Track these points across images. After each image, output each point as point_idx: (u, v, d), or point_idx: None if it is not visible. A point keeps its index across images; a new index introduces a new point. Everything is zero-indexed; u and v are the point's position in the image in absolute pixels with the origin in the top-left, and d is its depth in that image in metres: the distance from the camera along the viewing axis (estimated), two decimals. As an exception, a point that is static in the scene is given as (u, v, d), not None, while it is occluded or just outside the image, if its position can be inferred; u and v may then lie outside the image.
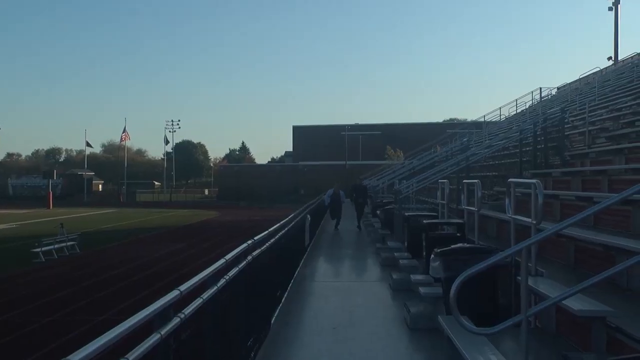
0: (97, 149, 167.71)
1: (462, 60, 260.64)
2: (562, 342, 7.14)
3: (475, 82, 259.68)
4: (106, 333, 3.46)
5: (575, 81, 43.26)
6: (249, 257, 7.96)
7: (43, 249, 32.34)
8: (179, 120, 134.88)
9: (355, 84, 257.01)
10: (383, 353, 8.48)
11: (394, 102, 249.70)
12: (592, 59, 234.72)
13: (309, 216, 20.45)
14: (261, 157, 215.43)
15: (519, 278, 6.01)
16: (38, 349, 14.89)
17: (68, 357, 2.96)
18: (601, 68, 43.05)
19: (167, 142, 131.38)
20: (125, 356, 3.59)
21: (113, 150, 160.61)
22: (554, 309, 7.40)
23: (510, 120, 40.16)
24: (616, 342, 5.81)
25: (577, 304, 5.89)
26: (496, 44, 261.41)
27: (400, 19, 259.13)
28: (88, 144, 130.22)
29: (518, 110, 43.04)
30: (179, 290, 4.77)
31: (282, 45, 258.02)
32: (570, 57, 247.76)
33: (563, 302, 5.61)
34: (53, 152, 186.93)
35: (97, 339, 3.34)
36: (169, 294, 4.58)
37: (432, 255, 8.42)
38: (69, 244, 35.18)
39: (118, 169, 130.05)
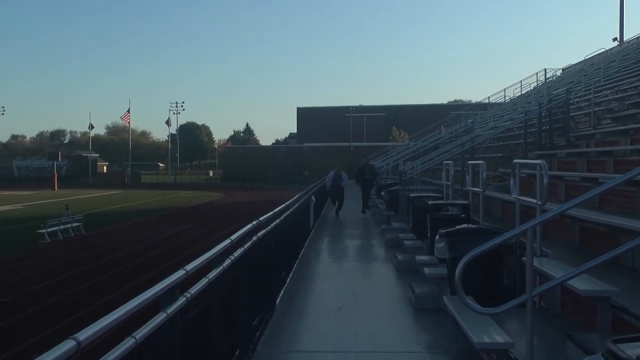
0: (101, 131, 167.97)
1: (467, 41, 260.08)
2: (567, 322, 7.16)
3: (480, 64, 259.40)
4: (113, 312, 3.47)
5: (580, 62, 43.02)
6: (254, 238, 7.98)
7: (48, 230, 32.48)
8: (183, 102, 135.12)
9: (360, 65, 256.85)
10: (388, 333, 8.50)
11: (398, 84, 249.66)
12: (598, 39, 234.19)
13: (313, 197, 20.46)
14: (265, 138, 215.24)
15: (524, 259, 6.01)
16: (43, 329, 14.98)
17: (75, 335, 2.97)
18: (606, 49, 42.80)
19: (169, 124, 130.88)
20: (132, 334, 3.61)
21: (117, 132, 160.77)
22: (558, 289, 7.42)
23: (515, 101, 39.99)
24: (621, 322, 5.82)
25: (581, 284, 5.89)
26: (501, 25, 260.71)
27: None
28: (91, 126, 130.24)
29: (523, 92, 42.81)
30: (184, 270, 4.78)
31: (286, 26, 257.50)
32: (575, 38, 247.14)
33: (568, 282, 5.61)
34: (57, 134, 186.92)
35: (104, 317, 3.35)
36: (175, 274, 4.59)
37: (437, 236, 8.42)
38: (74, 225, 35.34)
39: (122, 150, 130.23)
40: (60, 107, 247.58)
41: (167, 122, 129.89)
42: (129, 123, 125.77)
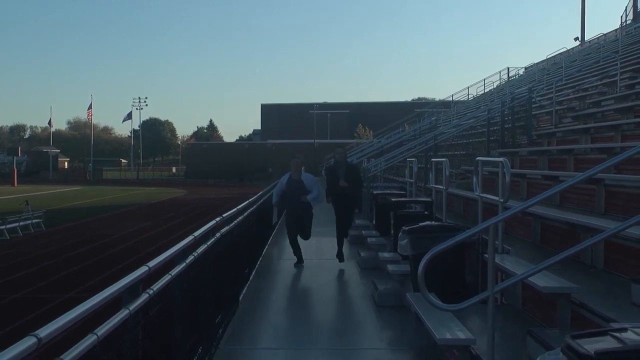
0: (62, 126, 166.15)
1: (431, 40, 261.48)
2: (528, 319, 7.24)
3: (444, 62, 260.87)
4: (75, 308, 3.44)
5: (543, 61, 43.54)
6: (218, 234, 7.96)
7: (7, 226, 31.91)
8: (146, 98, 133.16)
9: (324, 62, 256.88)
10: (351, 330, 8.53)
11: (363, 81, 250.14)
12: (560, 39, 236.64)
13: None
14: (229, 135, 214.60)
15: (486, 256, 6.07)
16: (4, 326, 14.76)
17: (36, 332, 2.94)
18: (568, 48, 43.39)
19: (125, 119, 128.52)
20: (94, 331, 3.58)
21: (79, 127, 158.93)
22: (519, 286, 7.50)
23: (478, 99, 40.35)
24: (580, 318, 5.91)
25: (542, 281, 5.97)
26: (465, 24, 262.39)
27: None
28: (50, 122, 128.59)
29: (486, 90, 43.21)
30: (147, 266, 4.76)
31: (250, 23, 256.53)
32: (538, 37, 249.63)
33: (529, 279, 5.68)
34: (17, 129, 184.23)
35: (66, 314, 3.32)
36: (137, 270, 4.57)
37: (400, 233, 8.48)
38: (34, 221, 34.81)
39: (84, 146, 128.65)
40: (20, 101, 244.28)
41: (127, 117, 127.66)
42: (90, 119, 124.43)
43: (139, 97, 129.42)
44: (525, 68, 46.83)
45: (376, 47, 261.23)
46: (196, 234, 6.89)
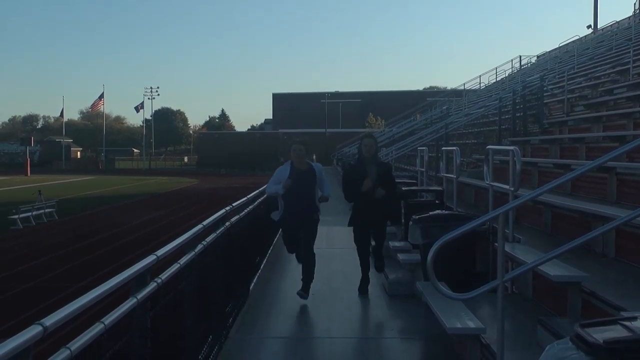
0: (75, 116, 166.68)
1: (443, 28, 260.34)
2: (538, 307, 7.21)
3: (456, 51, 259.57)
4: (81, 297, 3.44)
5: (555, 49, 43.22)
6: (227, 224, 7.96)
7: (20, 215, 32.07)
8: (158, 88, 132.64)
9: (336, 51, 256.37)
10: (362, 319, 8.55)
11: (374, 70, 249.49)
12: (572, 27, 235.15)
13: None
14: (241, 124, 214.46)
15: (497, 244, 6.05)
16: (14, 315, 14.84)
17: (41, 321, 2.94)
18: (581, 36, 43.10)
19: (138, 109, 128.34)
20: (102, 320, 3.58)
21: (91, 117, 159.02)
22: (530, 275, 7.47)
23: (490, 88, 40.16)
24: (591, 307, 5.87)
25: (553, 270, 5.94)
26: (477, 12, 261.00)
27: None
28: (62, 113, 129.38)
29: (498, 79, 42.99)
30: (155, 255, 4.76)
31: (261, 12, 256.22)
32: (550, 25, 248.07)
33: (539, 267, 5.65)
34: (30, 119, 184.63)
35: (71, 303, 3.33)
36: (145, 259, 4.57)
37: (411, 222, 8.45)
38: (47, 210, 34.98)
39: (97, 136, 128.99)
40: (33, 91, 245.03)
41: (137, 108, 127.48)
42: (102, 106, 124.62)
43: (151, 87, 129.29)
44: (538, 56, 46.58)
45: (388, 36, 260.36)
46: (205, 222, 6.90)
